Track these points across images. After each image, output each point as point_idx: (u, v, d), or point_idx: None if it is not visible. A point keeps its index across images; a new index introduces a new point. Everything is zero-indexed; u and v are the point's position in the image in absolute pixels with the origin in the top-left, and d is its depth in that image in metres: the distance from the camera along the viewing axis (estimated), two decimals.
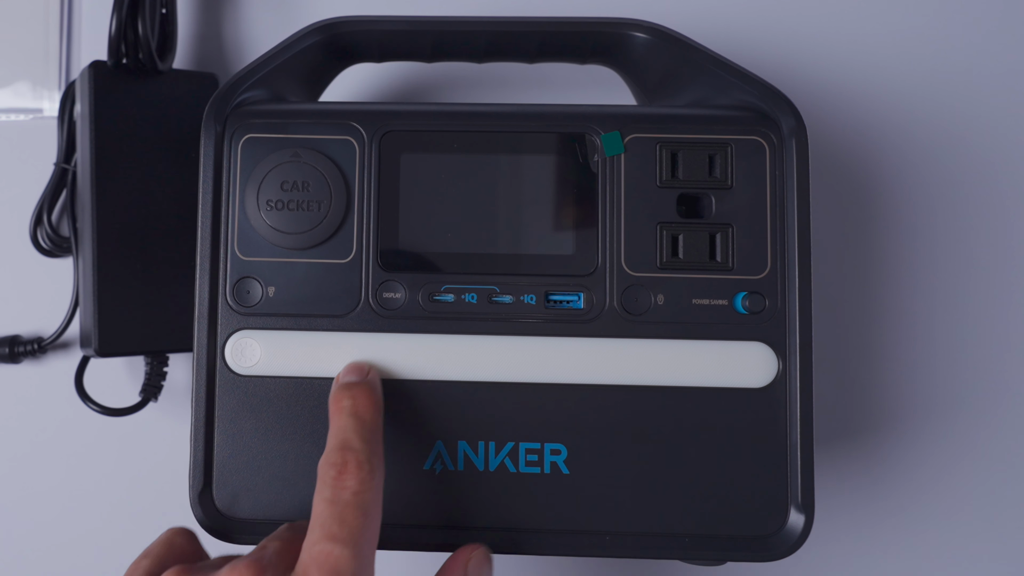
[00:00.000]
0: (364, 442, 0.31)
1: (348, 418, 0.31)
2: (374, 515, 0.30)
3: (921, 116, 0.46)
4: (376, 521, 0.30)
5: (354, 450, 0.30)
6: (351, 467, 0.30)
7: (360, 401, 0.32)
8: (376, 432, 0.32)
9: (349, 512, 0.29)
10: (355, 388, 0.32)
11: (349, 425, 0.31)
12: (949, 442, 0.45)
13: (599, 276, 0.34)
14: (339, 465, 0.30)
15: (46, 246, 0.45)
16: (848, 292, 0.45)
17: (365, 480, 0.30)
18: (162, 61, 0.43)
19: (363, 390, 0.32)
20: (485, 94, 0.46)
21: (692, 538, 0.33)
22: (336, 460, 0.30)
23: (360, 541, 0.29)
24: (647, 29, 0.38)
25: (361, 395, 0.32)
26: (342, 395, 0.32)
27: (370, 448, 0.31)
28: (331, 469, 0.30)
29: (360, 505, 0.29)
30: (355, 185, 0.35)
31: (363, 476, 0.30)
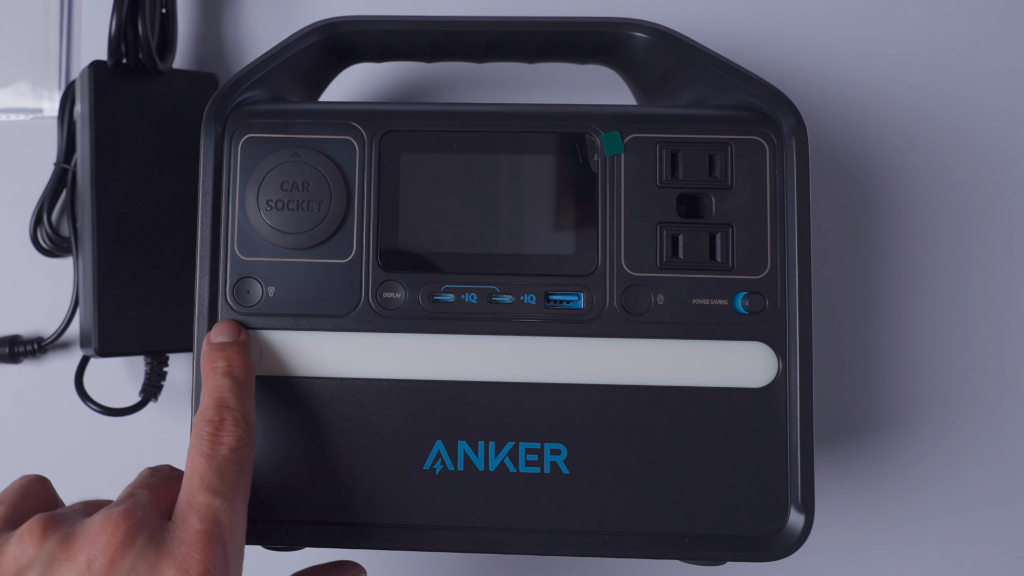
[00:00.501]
0: (239, 400, 0.32)
1: (223, 378, 0.32)
2: (248, 471, 0.31)
3: (921, 116, 0.46)
4: (249, 477, 0.31)
5: (231, 408, 0.31)
6: (228, 424, 0.31)
7: (234, 362, 0.33)
8: (249, 392, 0.33)
9: (227, 467, 0.30)
10: (229, 349, 0.33)
11: (224, 384, 0.32)
12: (949, 442, 0.45)
13: (599, 276, 0.34)
14: (216, 422, 0.31)
15: (46, 246, 0.45)
16: (848, 292, 0.45)
17: (241, 437, 0.31)
18: (162, 61, 0.43)
19: (236, 351, 0.33)
20: (485, 94, 0.46)
21: (692, 538, 0.33)
22: (213, 417, 0.31)
23: (236, 494, 0.30)
24: (647, 29, 0.38)
25: (235, 355, 0.33)
26: (216, 355, 0.33)
27: (245, 407, 0.32)
28: (208, 426, 0.31)
29: (237, 460, 0.30)
30: (355, 185, 0.35)
31: (239, 433, 0.31)
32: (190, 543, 0.28)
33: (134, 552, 0.27)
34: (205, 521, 0.28)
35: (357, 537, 0.34)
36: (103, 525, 0.28)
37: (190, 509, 0.29)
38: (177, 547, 0.28)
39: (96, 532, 0.27)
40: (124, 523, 0.28)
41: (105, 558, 0.27)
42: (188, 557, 0.27)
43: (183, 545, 0.28)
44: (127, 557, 0.27)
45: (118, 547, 0.27)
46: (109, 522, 0.28)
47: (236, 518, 0.29)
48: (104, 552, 0.27)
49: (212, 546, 0.28)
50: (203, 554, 0.27)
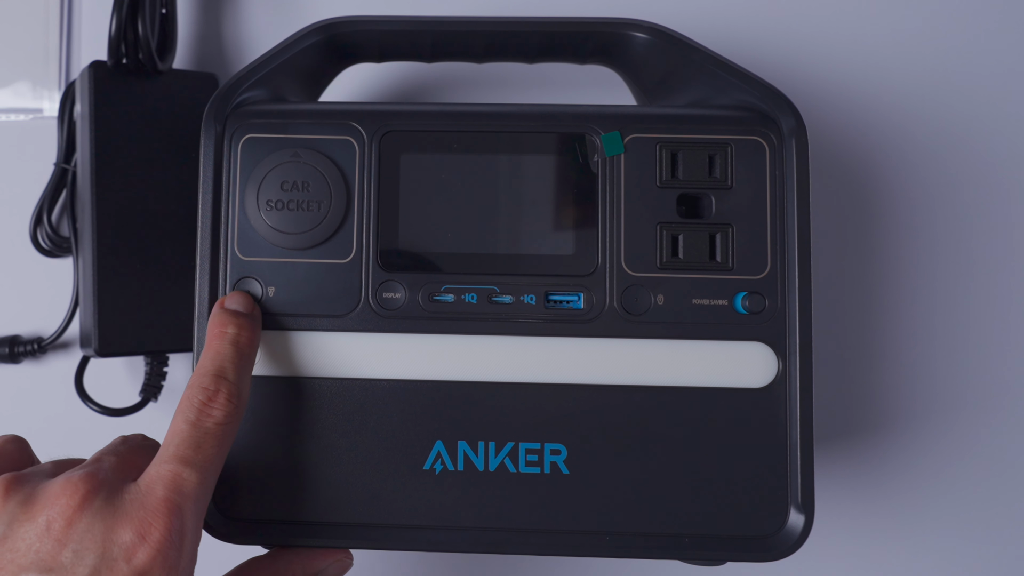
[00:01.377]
0: (238, 374, 0.31)
1: (229, 346, 0.32)
2: (225, 448, 0.31)
3: (921, 116, 0.46)
4: (225, 453, 0.31)
5: (228, 380, 0.31)
6: (221, 397, 0.30)
7: (244, 333, 0.32)
8: (250, 368, 0.32)
9: (207, 440, 0.30)
10: (241, 319, 0.33)
11: (229, 354, 0.32)
12: (949, 442, 0.45)
13: (599, 276, 0.34)
14: (210, 391, 0.31)
15: (46, 246, 0.45)
16: (848, 292, 0.45)
17: (230, 413, 0.30)
18: (162, 61, 0.43)
19: (247, 322, 0.33)
20: (485, 94, 0.46)
21: (692, 538, 0.33)
22: (208, 385, 0.31)
23: (209, 469, 0.30)
24: (647, 29, 0.38)
25: (246, 327, 0.32)
26: (227, 320, 0.32)
27: (241, 382, 0.31)
28: (201, 393, 0.30)
29: (219, 436, 0.30)
30: (355, 185, 0.35)
31: (230, 409, 0.30)
32: (151, 509, 0.28)
33: (91, 513, 0.27)
34: (170, 490, 0.28)
35: (357, 537, 0.34)
36: (63, 487, 0.28)
37: (158, 476, 0.29)
38: (137, 511, 0.28)
39: (56, 494, 0.28)
40: (83, 485, 0.28)
41: (63, 519, 0.27)
42: (146, 523, 0.27)
43: (143, 510, 0.28)
44: (84, 518, 0.27)
45: (75, 508, 0.27)
46: (69, 484, 0.28)
47: (202, 492, 0.29)
48: (62, 514, 0.27)
49: (172, 516, 0.28)
50: (163, 522, 0.27)
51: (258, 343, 0.33)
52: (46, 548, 0.27)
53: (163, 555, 0.27)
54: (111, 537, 0.27)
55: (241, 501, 0.34)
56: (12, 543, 0.27)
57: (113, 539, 0.27)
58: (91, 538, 0.27)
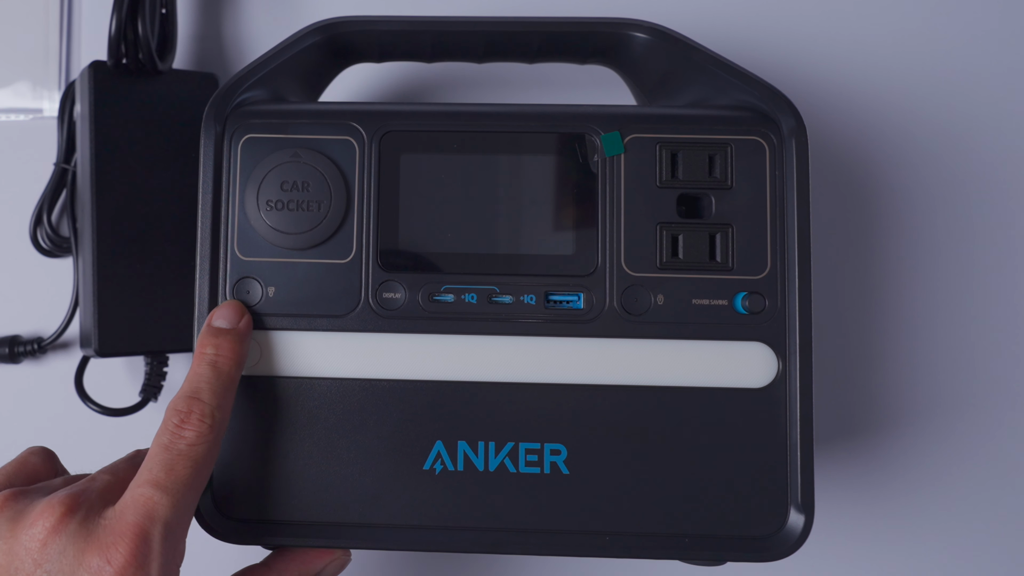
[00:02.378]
0: (214, 395, 0.32)
1: (206, 368, 0.32)
2: (204, 467, 0.31)
3: (921, 116, 0.46)
4: (206, 473, 0.31)
5: (201, 402, 0.31)
6: (194, 419, 0.31)
7: (223, 351, 0.32)
8: (230, 386, 0.32)
9: (180, 462, 0.30)
10: (222, 337, 0.33)
11: (205, 375, 0.32)
12: (949, 442, 0.45)
13: (599, 276, 0.34)
14: (183, 413, 0.31)
15: (46, 246, 0.45)
16: (848, 292, 0.45)
17: (203, 434, 0.31)
18: (162, 61, 0.43)
19: (229, 340, 0.33)
20: (485, 94, 0.46)
21: (692, 538, 0.33)
22: (182, 408, 0.31)
23: (183, 491, 0.30)
24: (647, 29, 0.38)
25: (226, 345, 0.33)
26: (207, 341, 0.33)
27: (217, 402, 0.32)
28: (175, 415, 0.31)
29: (192, 457, 0.30)
30: (355, 185, 0.35)
31: (202, 430, 0.31)
32: (119, 534, 0.28)
33: (64, 537, 0.28)
34: (139, 514, 0.28)
35: (357, 537, 0.34)
36: (43, 509, 0.28)
37: (131, 499, 0.29)
38: (106, 535, 0.28)
39: (36, 515, 0.28)
40: (60, 508, 0.28)
41: (37, 542, 0.28)
42: (112, 548, 0.28)
43: (112, 534, 0.28)
44: (57, 542, 0.28)
45: (50, 531, 0.28)
46: (48, 506, 0.28)
47: (174, 514, 0.29)
48: (38, 536, 0.28)
49: (138, 541, 0.28)
50: (126, 546, 0.28)
51: (242, 359, 0.33)
52: (24, 567, 0.28)
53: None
54: (81, 561, 0.28)
55: (241, 501, 0.34)
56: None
57: (83, 562, 0.27)
58: (62, 561, 0.28)
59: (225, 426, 0.32)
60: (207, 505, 0.34)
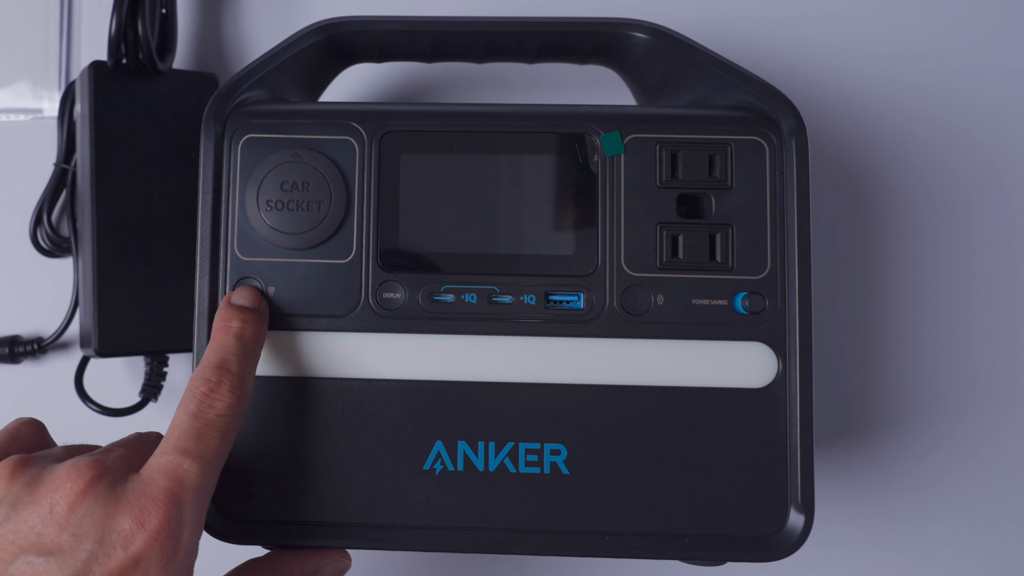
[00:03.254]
0: (241, 366, 0.31)
1: (233, 339, 0.32)
2: (230, 439, 0.31)
3: (921, 116, 0.46)
4: (228, 446, 0.31)
5: (230, 372, 0.31)
6: (224, 388, 0.31)
7: (248, 326, 0.32)
8: (254, 362, 0.32)
9: (209, 431, 0.30)
10: (246, 313, 0.33)
11: (232, 347, 0.32)
12: (949, 442, 0.45)
13: (599, 276, 0.34)
14: (212, 383, 0.31)
15: (46, 246, 0.45)
16: (848, 292, 0.45)
17: (233, 405, 0.30)
18: (162, 61, 0.43)
19: (252, 316, 0.33)
20: (485, 94, 0.46)
21: (692, 538, 0.33)
22: (210, 377, 0.31)
23: (211, 460, 0.30)
24: (647, 29, 0.38)
25: (251, 321, 0.32)
26: (232, 315, 0.32)
27: (245, 374, 0.31)
28: (203, 385, 0.30)
29: (221, 428, 0.30)
30: (355, 185, 0.35)
31: (232, 401, 0.30)
32: (151, 498, 0.28)
33: (93, 499, 0.27)
34: (170, 479, 0.28)
35: (357, 537, 0.34)
36: (68, 472, 0.28)
37: (159, 466, 0.29)
38: (137, 499, 0.28)
39: (61, 478, 0.28)
40: (88, 471, 0.28)
41: (66, 503, 0.27)
42: (145, 511, 0.27)
43: (143, 498, 0.28)
44: (86, 504, 0.27)
45: (79, 493, 0.27)
46: (75, 469, 0.28)
47: (203, 483, 0.29)
48: (65, 498, 0.27)
49: (171, 505, 0.28)
50: (161, 511, 0.27)
51: (263, 338, 0.33)
52: (48, 531, 0.27)
53: (160, 543, 0.27)
54: (111, 524, 0.27)
55: (241, 501, 0.34)
56: (14, 524, 0.27)
57: (112, 526, 0.27)
58: (91, 523, 0.27)
59: (248, 401, 0.32)
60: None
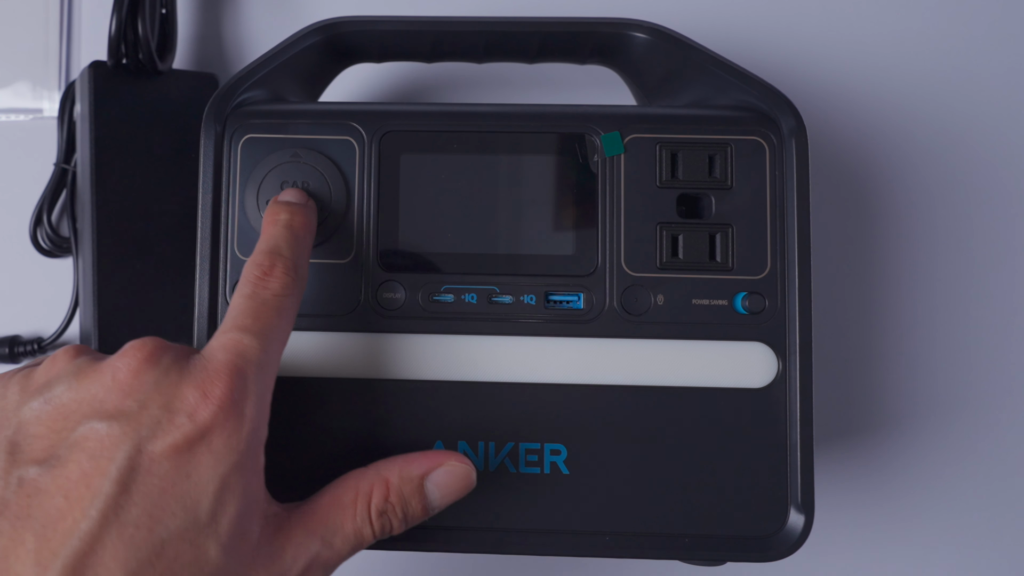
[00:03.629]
0: (293, 251, 0.31)
1: (283, 229, 0.32)
2: (288, 320, 0.30)
3: (921, 116, 0.46)
4: (288, 327, 0.30)
5: (283, 256, 0.31)
6: (278, 270, 0.30)
7: (297, 218, 0.32)
8: (306, 251, 0.32)
9: (266, 310, 0.29)
10: (294, 207, 0.33)
11: (282, 235, 0.32)
12: (949, 442, 0.45)
13: (599, 276, 0.34)
14: (265, 267, 0.30)
15: (46, 246, 0.45)
16: (848, 292, 0.45)
17: (288, 285, 0.30)
18: (162, 61, 0.43)
19: (301, 210, 0.33)
20: (485, 94, 0.46)
21: (692, 538, 0.33)
22: (263, 262, 0.31)
23: (271, 336, 0.29)
24: (647, 29, 0.38)
25: (299, 213, 0.33)
26: (280, 209, 0.33)
27: (298, 258, 0.31)
28: (256, 269, 0.30)
29: (278, 307, 0.30)
30: (355, 185, 0.35)
31: (287, 281, 0.30)
32: (213, 371, 0.27)
33: (158, 369, 0.27)
34: (230, 353, 0.28)
35: None
36: (130, 346, 0.28)
37: (219, 343, 0.28)
38: (200, 372, 0.27)
39: (125, 350, 0.28)
40: (151, 343, 0.28)
41: (129, 370, 0.27)
42: (209, 382, 0.27)
43: (206, 371, 0.27)
44: (151, 372, 0.27)
45: (143, 361, 0.27)
46: (137, 343, 0.28)
47: (265, 358, 0.29)
48: (128, 365, 0.27)
49: (234, 377, 0.27)
50: (225, 382, 0.27)
51: (314, 229, 0.33)
52: (111, 397, 0.27)
53: (225, 413, 0.27)
54: (176, 392, 0.27)
55: None
56: (76, 393, 0.27)
57: (177, 394, 0.27)
58: (157, 391, 0.27)
59: (302, 293, 0.31)
60: None
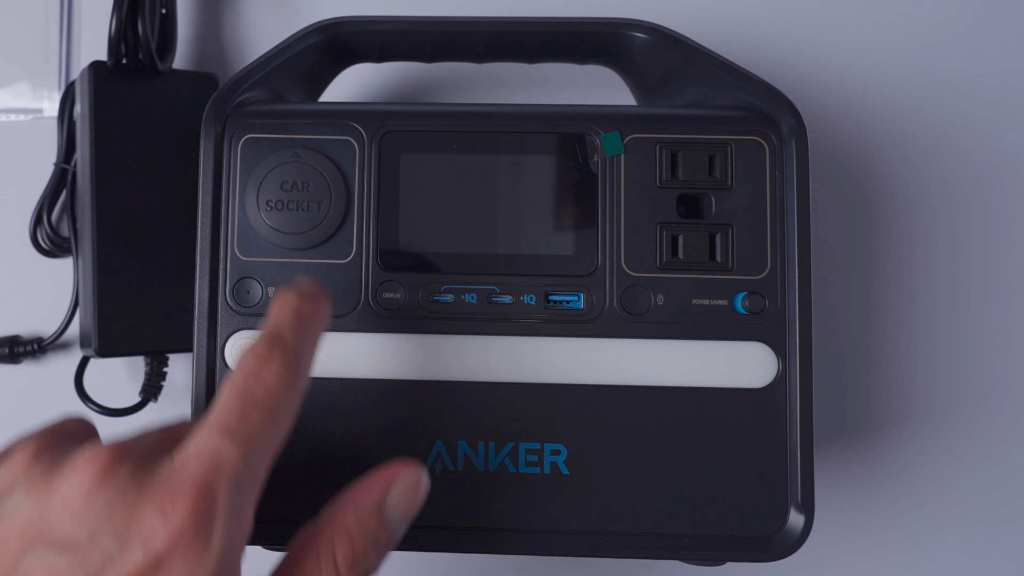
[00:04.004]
0: (297, 341, 0.27)
1: (290, 314, 0.28)
2: (282, 424, 0.26)
3: (921, 116, 0.46)
4: (283, 431, 0.26)
5: (284, 343, 0.27)
6: (275, 362, 0.26)
7: (308, 305, 0.28)
8: (314, 342, 0.28)
9: (255, 411, 0.25)
10: (307, 295, 0.29)
11: (287, 320, 0.28)
12: (949, 442, 0.45)
13: (599, 276, 0.34)
14: (263, 356, 0.26)
15: (46, 246, 0.45)
16: (848, 292, 0.45)
17: (286, 381, 0.26)
18: (162, 61, 0.43)
19: (314, 299, 0.29)
20: (485, 94, 0.46)
21: (692, 538, 0.33)
22: (261, 349, 0.26)
23: (257, 444, 0.25)
24: (647, 29, 0.38)
25: (312, 302, 0.29)
26: (291, 294, 0.29)
27: (302, 349, 0.27)
28: (252, 357, 0.26)
29: (271, 409, 0.26)
30: (355, 185, 0.35)
31: (285, 376, 0.26)
32: (178, 487, 0.23)
33: (113, 488, 0.24)
34: (203, 464, 0.24)
35: None
36: (87, 457, 0.24)
37: (194, 449, 0.24)
38: (162, 488, 0.23)
39: (78, 464, 0.24)
40: (107, 456, 0.24)
41: (80, 492, 0.24)
42: (171, 502, 0.23)
43: (169, 488, 0.23)
44: (103, 493, 0.23)
45: (96, 479, 0.24)
46: (94, 454, 0.24)
47: (246, 471, 0.25)
48: (80, 486, 0.24)
49: (201, 495, 0.23)
50: (189, 502, 0.23)
51: (326, 321, 0.29)
52: (61, 524, 0.23)
53: (186, 540, 0.23)
54: (131, 516, 0.23)
55: None
56: (28, 513, 0.24)
57: (133, 518, 0.23)
58: (109, 515, 0.23)
59: (306, 387, 0.27)
60: None
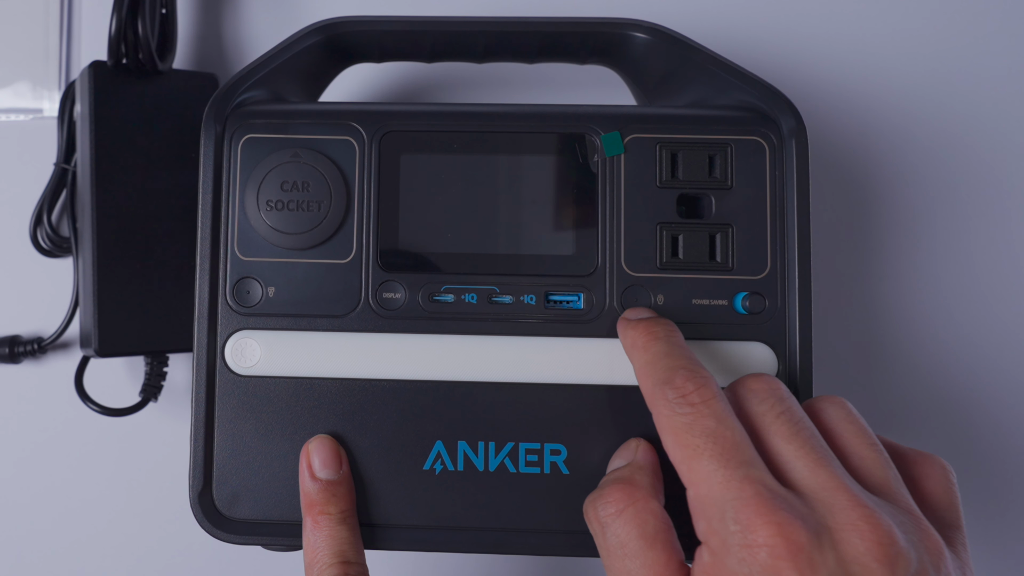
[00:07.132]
0: (359, 553, 0.31)
1: (338, 527, 0.31)
2: None
3: (921, 116, 0.46)
4: None
5: (354, 563, 0.30)
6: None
7: (345, 505, 0.32)
8: (359, 536, 0.32)
9: None
10: (337, 489, 0.32)
11: (343, 536, 0.31)
12: (949, 442, 0.45)
13: (599, 276, 0.34)
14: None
15: (46, 246, 0.45)
16: (848, 292, 0.45)
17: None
18: (162, 61, 0.43)
19: (344, 491, 0.32)
20: (485, 94, 0.46)
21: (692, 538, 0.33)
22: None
23: None
24: (647, 29, 0.38)
25: (344, 498, 0.32)
26: (326, 499, 0.32)
27: (362, 558, 0.31)
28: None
29: None
30: (355, 185, 0.35)
31: None
32: None
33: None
34: None
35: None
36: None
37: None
38: None
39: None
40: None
41: None
42: None
43: None
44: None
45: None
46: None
47: None
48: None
49: None
50: None
51: (354, 495, 0.33)
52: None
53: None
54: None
55: (241, 501, 0.34)
56: None
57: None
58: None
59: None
60: (207, 505, 0.34)
